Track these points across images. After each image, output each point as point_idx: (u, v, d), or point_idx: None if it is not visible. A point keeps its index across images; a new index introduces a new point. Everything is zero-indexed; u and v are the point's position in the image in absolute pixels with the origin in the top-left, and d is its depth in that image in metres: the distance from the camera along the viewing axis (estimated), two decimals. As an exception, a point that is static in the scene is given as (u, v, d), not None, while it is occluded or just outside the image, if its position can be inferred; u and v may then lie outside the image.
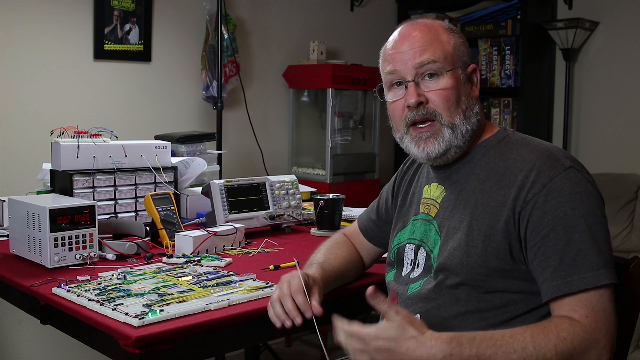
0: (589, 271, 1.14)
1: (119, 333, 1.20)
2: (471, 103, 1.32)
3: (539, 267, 1.18)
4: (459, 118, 1.29)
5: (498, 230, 1.22)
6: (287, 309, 1.30)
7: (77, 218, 1.63)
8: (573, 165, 1.22)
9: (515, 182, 1.23)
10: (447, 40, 1.32)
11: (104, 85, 2.99)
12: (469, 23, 3.88)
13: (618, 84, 3.65)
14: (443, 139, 1.29)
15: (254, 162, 3.44)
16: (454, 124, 1.29)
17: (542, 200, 1.19)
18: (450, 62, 1.30)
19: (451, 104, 1.29)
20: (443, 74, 1.29)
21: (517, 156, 1.26)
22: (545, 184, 1.19)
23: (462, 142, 1.30)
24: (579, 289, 1.13)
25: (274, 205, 2.08)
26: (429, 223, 1.36)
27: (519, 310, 1.22)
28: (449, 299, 1.27)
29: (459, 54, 1.32)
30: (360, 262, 1.60)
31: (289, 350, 3.56)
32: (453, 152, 1.31)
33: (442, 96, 1.29)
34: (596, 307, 1.13)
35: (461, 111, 1.30)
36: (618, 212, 3.31)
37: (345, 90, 3.54)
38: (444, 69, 1.29)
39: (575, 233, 1.16)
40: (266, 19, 3.60)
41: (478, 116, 1.33)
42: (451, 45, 1.31)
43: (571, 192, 1.18)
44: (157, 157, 2.12)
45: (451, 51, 1.31)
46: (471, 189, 1.30)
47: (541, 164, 1.22)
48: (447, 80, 1.29)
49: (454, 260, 1.26)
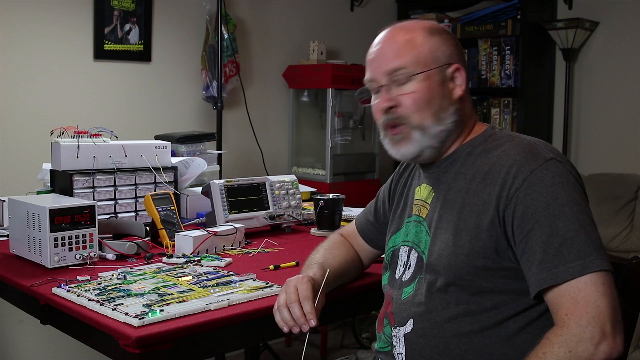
0: (575, 260, 1.12)
1: (119, 333, 1.20)
2: (445, 104, 1.31)
3: (526, 262, 1.18)
4: (429, 120, 1.30)
5: (484, 230, 1.22)
6: (295, 316, 1.29)
7: (77, 218, 1.63)
8: (554, 157, 1.21)
9: (498, 179, 1.23)
10: (422, 43, 1.32)
11: (104, 85, 2.99)
12: (469, 23, 3.88)
13: (618, 84, 3.65)
14: (413, 142, 1.31)
15: (254, 162, 3.44)
16: (423, 126, 1.30)
17: (523, 194, 1.18)
18: (423, 65, 1.30)
19: (421, 107, 1.30)
20: (412, 78, 1.30)
21: (501, 153, 1.26)
22: (525, 177, 1.19)
23: (436, 143, 1.31)
24: (565, 280, 1.12)
25: (274, 205, 2.08)
26: (420, 224, 1.37)
27: (510, 312, 1.22)
28: (440, 303, 1.27)
29: (436, 56, 1.31)
30: (359, 262, 1.60)
31: (289, 350, 3.56)
32: (428, 153, 1.33)
33: (410, 99, 1.30)
34: (578, 298, 1.11)
35: (432, 113, 1.30)
36: (618, 212, 3.31)
37: (345, 90, 3.54)
38: (414, 73, 1.30)
39: (560, 222, 1.15)
40: (266, 19, 3.60)
41: (455, 116, 1.32)
42: (426, 48, 1.31)
43: (552, 182, 1.17)
44: (157, 157, 2.12)
45: (425, 54, 1.31)
46: (458, 188, 1.30)
47: (522, 158, 1.21)
48: (416, 84, 1.30)
49: (442, 261, 1.26)
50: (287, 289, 1.33)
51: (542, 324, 1.21)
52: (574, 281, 1.12)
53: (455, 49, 1.35)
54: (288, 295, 1.32)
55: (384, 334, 1.37)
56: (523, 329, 1.22)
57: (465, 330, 1.24)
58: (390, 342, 1.35)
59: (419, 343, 1.28)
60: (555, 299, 1.14)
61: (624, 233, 3.29)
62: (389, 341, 1.36)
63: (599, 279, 1.12)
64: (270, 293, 1.42)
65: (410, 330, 1.30)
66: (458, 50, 1.36)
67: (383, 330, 1.38)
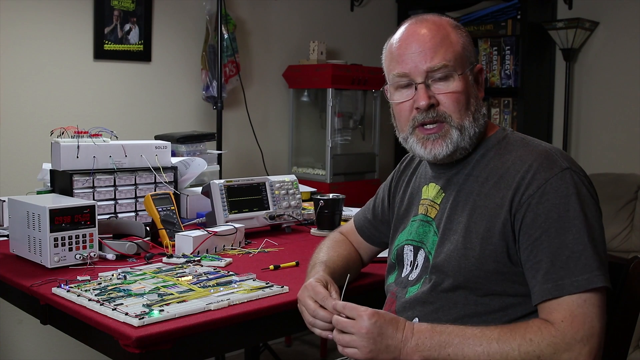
0: (582, 274, 1.13)
1: (119, 333, 1.20)
2: (479, 105, 1.31)
3: (531, 269, 1.18)
4: (468, 120, 1.28)
5: (496, 233, 1.22)
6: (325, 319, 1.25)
7: (77, 218, 1.63)
8: (570, 167, 1.20)
9: (513, 183, 1.22)
10: (457, 41, 1.30)
11: (104, 85, 2.99)
12: (469, 23, 3.88)
13: (618, 84, 3.65)
14: (451, 141, 1.28)
15: (254, 162, 3.44)
16: (463, 126, 1.28)
17: (535, 202, 1.18)
18: (461, 64, 1.28)
19: (462, 107, 1.28)
20: (454, 76, 1.27)
21: (515, 157, 1.26)
22: (540, 185, 1.19)
23: (468, 145, 1.30)
24: (569, 293, 1.13)
25: (274, 205, 2.08)
26: (427, 224, 1.36)
27: (517, 314, 1.22)
28: (446, 303, 1.26)
29: (467, 55, 1.30)
30: (359, 259, 1.60)
31: (289, 350, 3.56)
32: (459, 154, 1.31)
33: (453, 99, 1.27)
34: (576, 312, 1.12)
35: (470, 113, 1.29)
36: (618, 212, 3.31)
37: (345, 90, 3.54)
38: (455, 71, 1.27)
39: (569, 235, 1.15)
40: (266, 19, 3.60)
41: (485, 117, 1.32)
42: (460, 46, 1.29)
43: (566, 193, 1.17)
44: (157, 157, 2.12)
45: (460, 52, 1.29)
46: (469, 190, 1.29)
47: (538, 165, 1.21)
48: (457, 82, 1.27)
49: (452, 263, 1.26)
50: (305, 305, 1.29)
51: None
52: (574, 295, 1.12)
53: (474, 49, 1.35)
54: (308, 309, 1.28)
55: None
56: None
57: None
58: None
59: None
60: (552, 306, 1.14)
61: (624, 233, 3.29)
62: None
63: (598, 300, 1.13)
64: (270, 293, 1.42)
65: None
66: (475, 50, 1.36)
67: None
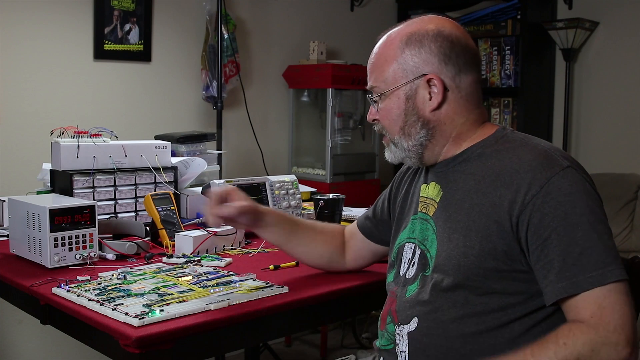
0: (595, 269, 1.13)
1: (119, 333, 1.20)
2: (412, 120, 1.33)
3: (542, 269, 1.17)
4: (397, 136, 1.36)
5: (494, 232, 1.21)
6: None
7: (77, 218, 1.63)
8: (570, 165, 1.21)
9: (512, 183, 1.22)
10: (394, 57, 1.33)
11: (104, 85, 2.99)
12: (469, 23, 3.88)
13: (618, 83, 3.65)
14: (392, 151, 1.39)
15: (254, 162, 3.44)
16: (394, 140, 1.37)
17: (540, 202, 1.18)
18: (392, 82, 1.33)
19: (391, 123, 1.36)
20: (383, 96, 1.35)
21: (514, 156, 1.25)
22: (542, 185, 1.18)
23: (412, 154, 1.36)
24: (585, 289, 1.13)
25: (274, 205, 2.08)
26: (426, 222, 1.36)
27: (517, 314, 1.22)
28: (446, 303, 1.26)
29: (406, 69, 1.31)
30: (336, 249, 1.61)
31: (289, 350, 3.56)
32: (410, 161, 1.39)
33: (382, 117, 1.37)
34: (604, 304, 1.12)
35: (398, 129, 1.35)
36: (618, 212, 3.31)
37: (345, 90, 3.54)
38: (383, 92, 1.35)
39: (578, 232, 1.15)
40: (266, 19, 3.60)
41: (425, 130, 1.32)
42: (395, 65, 1.33)
43: (570, 191, 1.17)
44: (157, 157, 2.12)
45: (395, 70, 1.33)
46: (467, 189, 1.29)
47: (537, 165, 1.21)
48: (387, 101, 1.35)
49: (452, 261, 1.26)
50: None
51: (547, 326, 1.21)
52: (597, 289, 1.12)
53: (431, 56, 1.30)
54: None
55: (387, 331, 1.37)
56: (528, 331, 1.21)
57: (471, 330, 1.23)
58: (393, 340, 1.35)
59: (422, 342, 1.28)
60: (576, 304, 1.14)
61: (624, 233, 3.29)
62: (391, 339, 1.35)
63: (622, 288, 1.13)
64: (270, 293, 1.42)
65: (415, 328, 1.30)
66: (439, 57, 1.30)
67: (386, 328, 1.38)
